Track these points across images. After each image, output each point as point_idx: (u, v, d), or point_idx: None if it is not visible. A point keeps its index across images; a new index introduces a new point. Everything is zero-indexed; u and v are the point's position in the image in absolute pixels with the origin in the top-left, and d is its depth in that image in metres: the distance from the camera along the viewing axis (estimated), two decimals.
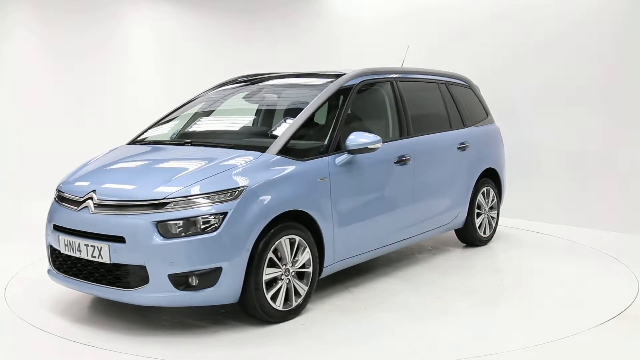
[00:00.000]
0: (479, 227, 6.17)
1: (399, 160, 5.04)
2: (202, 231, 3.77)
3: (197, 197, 3.82)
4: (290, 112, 4.84)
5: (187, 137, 4.99)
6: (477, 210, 6.11)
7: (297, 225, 4.20)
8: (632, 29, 6.83)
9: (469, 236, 6.16)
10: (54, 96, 8.01)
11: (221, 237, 3.78)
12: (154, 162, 4.50)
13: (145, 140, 5.01)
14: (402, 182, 5.10)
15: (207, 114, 5.29)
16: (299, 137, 4.45)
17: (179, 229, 3.75)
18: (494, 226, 6.40)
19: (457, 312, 4.40)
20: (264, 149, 4.24)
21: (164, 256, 3.73)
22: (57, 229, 4.20)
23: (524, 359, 3.63)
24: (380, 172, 4.89)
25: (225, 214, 3.81)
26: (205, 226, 3.78)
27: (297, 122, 4.46)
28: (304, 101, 4.72)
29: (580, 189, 7.29)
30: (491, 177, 6.35)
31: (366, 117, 5.20)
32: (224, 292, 3.86)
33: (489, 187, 6.26)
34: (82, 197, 4.08)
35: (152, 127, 5.20)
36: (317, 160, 4.40)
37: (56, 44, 8.12)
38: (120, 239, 3.81)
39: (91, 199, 4.01)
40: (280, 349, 3.77)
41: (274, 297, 4.06)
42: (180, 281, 3.78)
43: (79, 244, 3.98)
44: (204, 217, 3.78)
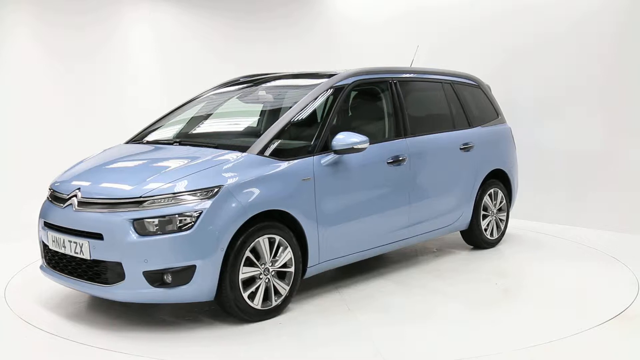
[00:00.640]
0: (486, 229, 6.04)
1: (394, 160, 4.99)
2: (178, 229, 3.83)
3: (174, 196, 3.89)
4: (278, 112, 4.86)
5: (178, 136, 5.10)
6: (483, 212, 5.99)
7: (277, 225, 4.21)
8: (632, 29, 6.75)
9: (475, 238, 6.04)
10: (54, 96, 8.03)
11: (195, 236, 3.83)
12: (140, 161, 4.59)
13: (141, 139, 5.12)
14: (395, 182, 5.04)
15: (202, 114, 5.36)
16: (285, 137, 4.46)
17: (155, 227, 3.82)
18: (502, 228, 6.25)
19: (442, 315, 4.32)
20: (245, 149, 4.27)
21: (139, 253, 3.81)
22: (47, 225, 4.34)
23: (523, 359, 3.57)
24: (370, 173, 4.84)
25: (200, 212, 3.86)
26: (181, 224, 3.83)
27: (281, 122, 4.48)
28: (294, 101, 4.72)
29: (580, 189, 7.24)
30: (500, 178, 6.21)
31: (360, 117, 5.17)
32: (199, 289, 3.91)
33: (496, 189, 6.12)
34: (68, 194, 4.22)
35: (150, 126, 5.30)
36: (301, 160, 4.39)
37: (56, 44, 8.11)
38: (99, 236, 3.91)
39: (75, 196, 4.14)
40: (249, 347, 3.78)
41: (252, 296, 4.09)
42: (155, 278, 3.85)
43: (64, 240, 4.11)
44: (180, 215, 3.84)
